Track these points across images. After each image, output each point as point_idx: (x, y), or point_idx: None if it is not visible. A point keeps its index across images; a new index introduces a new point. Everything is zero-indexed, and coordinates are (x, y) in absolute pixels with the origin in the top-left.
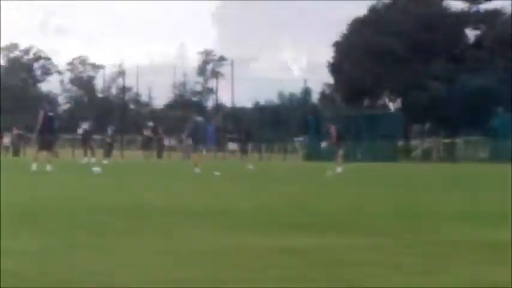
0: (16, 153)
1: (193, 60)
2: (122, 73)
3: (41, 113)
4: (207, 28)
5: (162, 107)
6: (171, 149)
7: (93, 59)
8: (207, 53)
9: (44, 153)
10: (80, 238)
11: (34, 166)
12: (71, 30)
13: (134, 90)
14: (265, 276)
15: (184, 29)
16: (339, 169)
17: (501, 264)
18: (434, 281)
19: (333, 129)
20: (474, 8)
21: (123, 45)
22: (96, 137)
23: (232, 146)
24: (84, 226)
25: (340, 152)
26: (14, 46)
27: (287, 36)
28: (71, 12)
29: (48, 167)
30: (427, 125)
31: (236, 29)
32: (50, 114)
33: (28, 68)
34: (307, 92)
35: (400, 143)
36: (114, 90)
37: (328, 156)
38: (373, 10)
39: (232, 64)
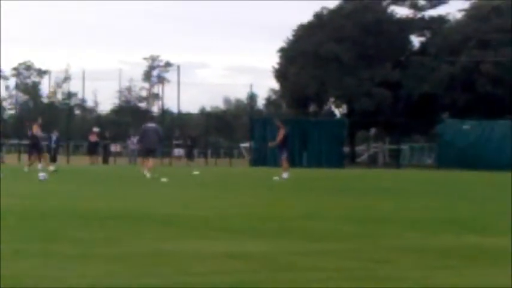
0: None
1: (139, 66)
2: (67, 78)
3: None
4: (154, 33)
5: (107, 112)
6: (117, 154)
7: (39, 64)
8: (153, 59)
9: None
10: (32, 245)
11: None
12: (15, 35)
13: (80, 95)
14: (213, 281)
15: (130, 33)
16: (285, 175)
17: (448, 269)
18: (379, 286)
19: (281, 128)
20: (419, 15)
21: (68, 50)
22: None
23: (178, 151)
24: (35, 232)
25: (284, 156)
26: None
27: (233, 42)
28: (16, 17)
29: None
30: (373, 131)
31: (182, 33)
32: None
33: None
34: (252, 97)
35: (346, 149)
36: (59, 96)
37: (274, 161)
38: (318, 16)
39: (178, 69)
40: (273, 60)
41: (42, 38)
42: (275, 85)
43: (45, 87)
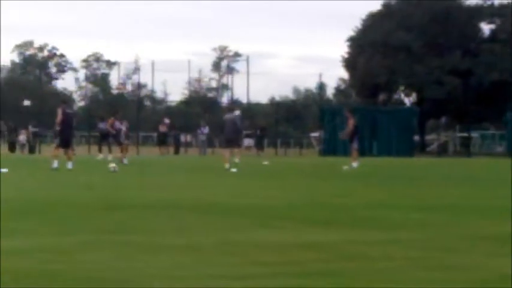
0: (32, 150)
1: (208, 56)
2: (137, 69)
3: (59, 111)
4: (223, 23)
5: (177, 103)
6: (187, 145)
7: (108, 55)
8: (222, 49)
9: (62, 151)
10: (103, 235)
11: (55, 163)
12: (85, 28)
13: (149, 86)
14: (283, 271)
15: (199, 24)
16: (355, 164)
17: None
18: (451, 275)
19: (350, 118)
20: (489, 2)
21: (138, 41)
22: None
23: (247, 142)
24: (106, 223)
25: (355, 146)
26: (29, 43)
27: (302, 31)
28: (85, 10)
29: (69, 165)
30: (443, 120)
31: (251, 24)
32: (68, 111)
33: (43, 65)
34: (322, 87)
35: (416, 137)
36: (129, 87)
37: (344, 151)
38: (387, 5)
39: (247, 60)
40: (342, 49)
41: (112, 29)
42: (344, 74)
43: (115, 78)
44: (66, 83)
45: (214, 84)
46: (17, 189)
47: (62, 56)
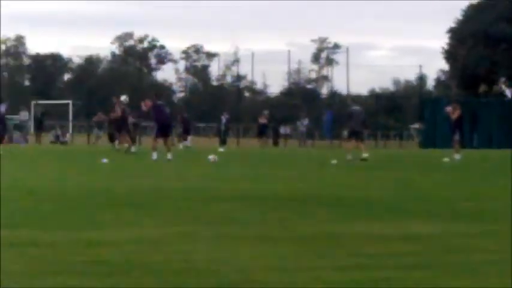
0: (132, 141)
1: (308, 48)
2: (236, 61)
3: (147, 104)
4: (322, 14)
5: (277, 94)
6: (287, 136)
7: (208, 47)
8: (322, 41)
9: (161, 142)
10: (202, 227)
11: (154, 155)
12: (185, 18)
13: (249, 78)
14: (385, 263)
15: (299, 15)
16: (457, 156)
17: None
18: None
19: (456, 109)
20: None
21: (238, 33)
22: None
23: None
24: (204, 215)
25: (456, 137)
26: (128, 35)
27: (402, 23)
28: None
29: (169, 155)
30: None
31: (350, 15)
32: (160, 103)
33: (143, 56)
34: (422, 78)
35: None
36: (229, 78)
37: (444, 143)
38: None
39: (347, 51)
40: (442, 40)
41: (212, 20)
42: (445, 66)
43: (215, 70)
44: (165, 74)
45: (313, 75)
46: (115, 180)
47: (162, 47)
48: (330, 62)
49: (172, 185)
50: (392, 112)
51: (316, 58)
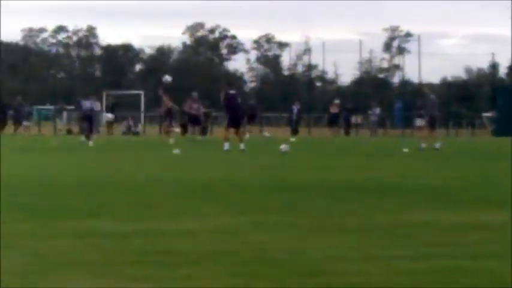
0: (204, 132)
1: (379, 37)
2: (307, 50)
3: (222, 94)
4: (395, 2)
5: (348, 84)
6: (358, 126)
7: (279, 36)
8: (393, 29)
9: (233, 132)
10: (271, 216)
11: (226, 145)
12: (256, 8)
13: (320, 67)
14: (456, 253)
15: (371, 4)
16: None
17: None
18: None
19: None
20: None
21: (309, 22)
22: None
23: (419, 122)
24: (275, 204)
25: None
26: (200, 25)
27: (473, 11)
28: None
29: (241, 146)
30: None
31: (422, 2)
32: (232, 92)
33: (214, 46)
34: (495, 66)
35: None
36: (300, 68)
37: None
38: None
39: (418, 40)
40: None
41: (283, 10)
42: None
43: (286, 59)
44: (237, 64)
45: (385, 64)
46: (187, 171)
47: (233, 37)
48: (401, 50)
49: (243, 175)
50: (465, 100)
51: (387, 47)
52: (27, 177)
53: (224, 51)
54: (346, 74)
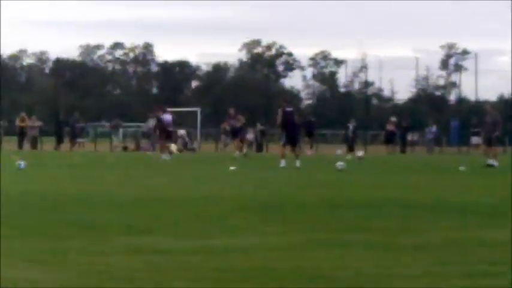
0: (260, 149)
1: (436, 54)
2: (364, 67)
3: (279, 112)
4: (451, 19)
5: (404, 101)
6: (414, 143)
7: (335, 53)
8: (450, 46)
9: (289, 149)
10: (328, 234)
11: (282, 162)
12: (312, 25)
13: (376, 84)
14: None
15: (426, 20)
16: None
17: None
18: None
19: None
20: None
21: (365, 39)
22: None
23: (475, 140)
24: (332, 222)
25: None
26: (256, 42)
27: None
28: (314, 7)
29: (297, 163)
30: None
31: (478, 21)
32: (289, 109)
33: (271, 63)
34: None
35: None
36: (356, 85)
37: None
38: None
39: (476, 57)
40: None
41: (339, 27)
42: None
43: (342, 76)
44: (293, 81)
45: (441, 82)
46: (243, 187)
47: (289, 54)
48: (458, 68)
49: (300, 192)
50: None
51: (444, 64)
52: (83, 194)
53: (280, 68)
54: (403, 91)
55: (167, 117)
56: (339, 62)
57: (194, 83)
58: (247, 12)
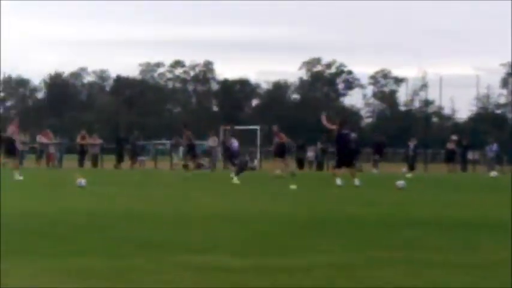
0: (320, 167)
1: (497, 72)
2: (424, 86)
3: (335, 132)
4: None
5: (465, 119)
6: (475, 162)
7: (396, 72)
8: (511, 65)
9: (345, 169)
10: (386, 252)
11: (338, 181)
12: (370, 43)
13: (437, 102)
14: None
15: (486, 38)
16: None
17: None
18: None
19: None
20: None
21: (426, 57)
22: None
23: None
24: (390, 240)
25: None
26: (316, 61)
27: None
28: (372, 26)
29: (356, 181)
30: None
31: None
32: (344, 132)
33: (331, 82)
34: None
35: None
36: (416, 103)
37: None
38: None
39: None
40: None
41: (399, 45)
42: None
43: (402, 95)
44: (353, 99)
45: (502, 100)
46: (302, 206)
47: (349, 72)
48: None
49: (359, 211)
50: None
51: (505, 83)
52: (140, 211)
53: (340, 86)
54: (463, 109)
55: (235, 145)
56: (399, 80)
57: (254, 101)
58: (306, 30)
